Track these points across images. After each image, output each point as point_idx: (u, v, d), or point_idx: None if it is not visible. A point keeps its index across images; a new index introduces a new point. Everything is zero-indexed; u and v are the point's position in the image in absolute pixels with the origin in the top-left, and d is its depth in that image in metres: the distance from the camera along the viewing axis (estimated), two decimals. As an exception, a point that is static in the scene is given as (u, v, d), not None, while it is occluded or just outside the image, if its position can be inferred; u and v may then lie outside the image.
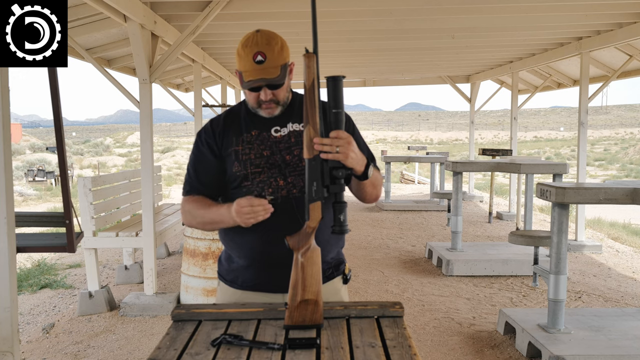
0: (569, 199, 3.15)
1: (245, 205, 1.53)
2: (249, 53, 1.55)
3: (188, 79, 9.58)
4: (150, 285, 4.33)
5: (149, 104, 4.29)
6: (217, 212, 1.63)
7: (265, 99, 1.62)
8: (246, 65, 1.56)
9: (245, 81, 1.59)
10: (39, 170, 18.47)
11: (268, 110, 1.65)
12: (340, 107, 1.44)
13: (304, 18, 5.17)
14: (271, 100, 1.63)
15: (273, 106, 1.65)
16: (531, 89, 10.42)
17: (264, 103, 1.63)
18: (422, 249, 6.45)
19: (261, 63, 1.54)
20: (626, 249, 6.65)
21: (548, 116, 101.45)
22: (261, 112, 1.67)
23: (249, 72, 1.56)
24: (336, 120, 1.44)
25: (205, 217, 1.67)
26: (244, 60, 1.56)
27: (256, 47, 1.55)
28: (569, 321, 3.46)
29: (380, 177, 1.70)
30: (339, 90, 1.43)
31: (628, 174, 25.24)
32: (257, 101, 1.64)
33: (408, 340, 1.39)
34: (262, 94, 1.61)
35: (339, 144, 1.43)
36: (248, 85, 1.59)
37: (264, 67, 1.55)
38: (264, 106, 1.64)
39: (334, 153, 1.43)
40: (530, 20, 5.57)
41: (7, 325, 2.31)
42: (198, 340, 1.43)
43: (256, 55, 1.54)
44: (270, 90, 1.61)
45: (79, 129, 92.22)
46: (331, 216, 1.49)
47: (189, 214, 1.71)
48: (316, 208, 1.46)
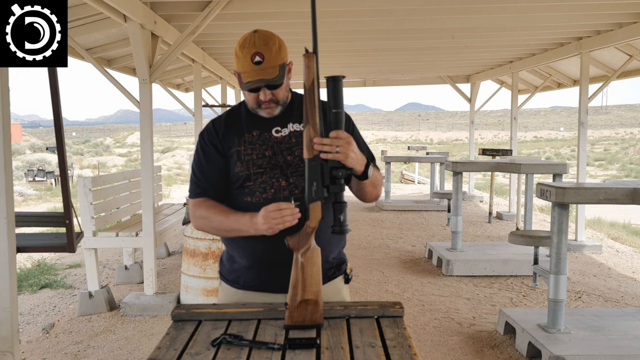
0: (569, 199, 3.15)
1: (274, 210, 1.50)
2: (247, 54, 1.55)
3: (188, 79, 9.58)
4: (150, 285, 4.33)
5: (149, 104, 4.28)
6: (238, 221, 1.60)
7: (265, 99, 1.62)
8: (244, 67, 1.56)
9: (244, 82, 1.59)
10: (39, 170, 18.46)
11: (268, 110, 1.65)
12: (340, 107, 1.44)
13: (303, 18, 5.17)
14: (270, 100, 1.63)
15: (273, 106, 1.65)
16: (531, 89, 10.42)
17: (263, 103, 1.64)
18: (422, 249, 6.45)
19: (259, 64, 1.54)
20: (626, 249, 6.65)
21: (548, 116, 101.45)
22: (261, 112, 1.67)
23: (248, 73, 1.56)
24: (336, 120, 1.44)
25: (224, 225, 1.64)
26: (242, 62, 1.56)
27: (254, 48, 1.55)
28: (569, 321, 3.46)
29: (380, 176, 1.70)
30: (338, 90, 1.43)
31: (628, 174, 25.24)
32: (256, 102, 1.64)
33: (408, 340, 1.39)
34: (262, 95, 1.61)
35: (339, 144, 1.43)
36: (247, 86, 1.59)
37: (262, 67, 1.55)
38: (264, 106, 1.64)
39: (334, 153, 1.43)
40: (530, 20, 5.57)
41: (7, 325, 2.31)
42: (198, 340, 1.43)
43: (254, 56, 1.54)
44: (269, 90, 1.61)
45: (79, 129, 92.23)
46: (332, 216, 1.50)
47: (204, 220, 1.68)
48: (316, 208, 1.46)
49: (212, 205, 1.68)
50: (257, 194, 1.65)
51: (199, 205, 1.69)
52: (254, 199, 1.65)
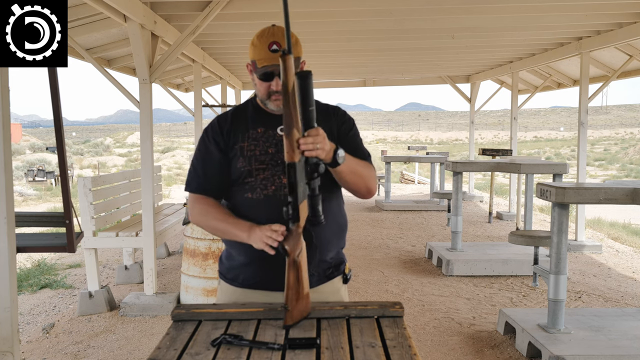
0: (569, 199, 3.15)
1: (268, 230, 1.53)
2: (265, 42, 1.59)
3: (188, 79, 9.58)
4: (150, 285, 4.33)
5: (149, 104, 4.29)
6: (232, 232, 1.64)
7: (277, 89, 1.63)
8: (261, 54, 1.60)
9: (258, 67, 1.61)
10: (39, 170, 18.46)
11: (277, 102, 1.66)
12: (313, 104, 1.42)
13: (303, 18, 5.17)
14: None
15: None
16: (531, 89, 10.42)
17: (274, 94, 1.64)
18: (422, 249, 6.45)
19: (276, 52, 1.57)
20: (626, 249, 6.65)
21: (548, 116, 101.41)
22: (270, 104, 1.68)
23: (264, 59, 1.60)
24: (312, 118, 1.42)
25: (219, 227, 1.68)
26: (259, 49, 1.60)
27: (272, 37, 1.59)
28: (569, 321, 3.46)
29: (364, 164, 1.68)
30: (310, 86, 1.41)
31: (628, 174, 25.24)
32: (267, 92, 1.65)
33: (408, 340, 1.39)
34: (274, 84, 1.63)
35: (318, 140, 1.43)
36: (262, 70, 1.61)
37: (278, 55, 1.56)
38: (274, 97, 1.65)
39: (316, 150, 1.43)
40: (530, 20, 5.57)
41: (7, 325, 2.31)
42: (198, 340, 1.43)
43: (271, 45, 1.58)
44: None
45: (79, 129, 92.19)
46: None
47: (201, 216, 1.71)
48: (304, 207, 1.47)
49: (212, 204, 1.70)
50: (258, 190, 1.66)
51: (198, 201, 1.72)
52: (255, 195, 1.66)
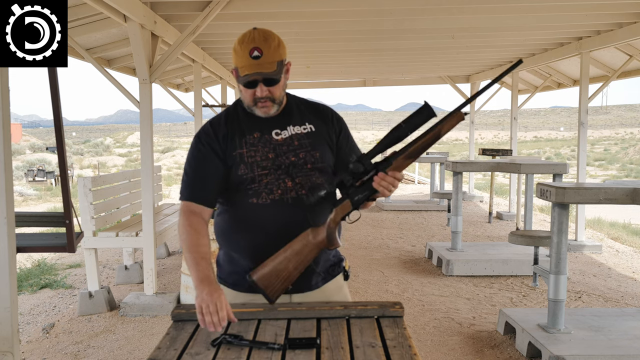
0: (569, 199, 3.15)
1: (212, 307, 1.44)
2: (245, 49, 1.55)
3: (188, 79, 9.58)
4: (150, 285, 4.33)
5: (149, 104, 4.28)
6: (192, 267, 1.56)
7: (261, 95, 1.60)
8: (242, 61, 1.56)
9: (241, 76, 1.58)
10: (39, 170, 18.47)
11: (264, 109, 1.64)
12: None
13: (303, 18, 5.17)
14: (267, 97, 1.61)
15: (269, 104, 1.63)
16: (531, 89, 10.42)
17: (259, 101, 1.62)
18: (422, 249, 6.45)
19: (257, 58, 1.54)
20: (626, 249, 6.65)
21: (548, 116, 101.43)
22: (257, 110, 1.65)
23: (245, 67, 1.56)
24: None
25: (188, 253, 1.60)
26: (240, 56, 1.56)
27: (252, 43, 1.55)
28: (569, 321, 3.46)
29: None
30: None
31: (628, 174, 25.23)
32: (252, 99, 1.62)
33: (408, 340, 1.40)
34: (258, 90, 1.60)
35: (396, 185, 1.58)
36: (244, 79, 1.58)
37: (260, 62, 1.54)
38: (260, 104, 1.63)
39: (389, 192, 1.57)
40: (530, 20, 5.57)
41: (7, 325, 2.31)
42: (198, 340, 1.43)
43: (252, 51, 1.54)
44: (266, 86, 1.60)
45: (79, 129, 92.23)
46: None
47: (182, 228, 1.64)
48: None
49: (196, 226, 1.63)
50: (263, 195, 1.63)
51: (187, 215, 1.65)
52: (260, 199, 1.63)
